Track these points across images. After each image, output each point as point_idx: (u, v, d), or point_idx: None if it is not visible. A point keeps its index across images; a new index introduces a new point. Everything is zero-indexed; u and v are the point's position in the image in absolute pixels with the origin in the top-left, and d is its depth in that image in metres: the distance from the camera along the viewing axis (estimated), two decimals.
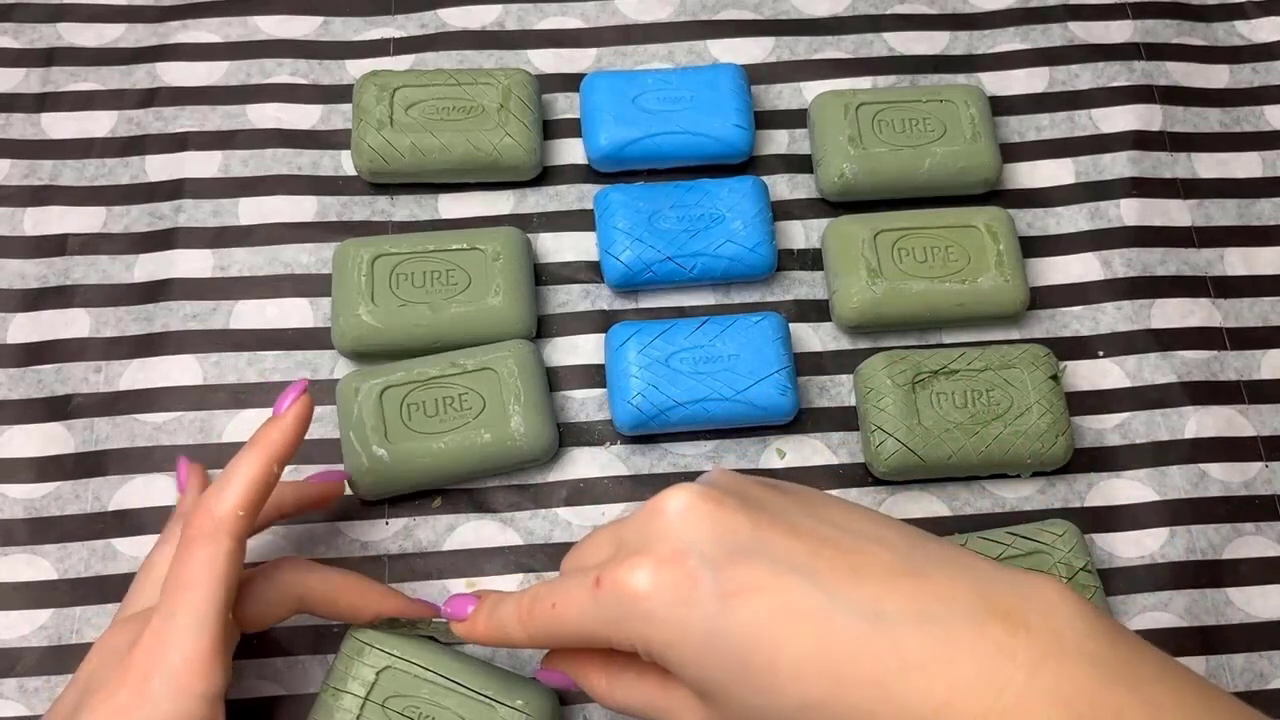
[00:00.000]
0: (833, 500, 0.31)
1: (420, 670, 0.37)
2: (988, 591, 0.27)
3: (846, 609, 0.27)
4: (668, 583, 0.28)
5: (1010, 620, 0.26)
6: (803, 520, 0.29)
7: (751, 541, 0.28)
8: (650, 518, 0.30)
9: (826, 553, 0.28)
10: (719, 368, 0.44)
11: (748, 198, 0.47)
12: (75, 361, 0.46)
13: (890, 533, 0.29)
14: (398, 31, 0.53)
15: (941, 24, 0.54)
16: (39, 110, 0.51)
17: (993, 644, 0.26)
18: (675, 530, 0.29)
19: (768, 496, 0.30)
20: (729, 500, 0.29)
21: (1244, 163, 0.52)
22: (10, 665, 0.41)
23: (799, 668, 0.27)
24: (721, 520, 0.29)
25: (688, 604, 0.28)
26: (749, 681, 0.27)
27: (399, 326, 0.44)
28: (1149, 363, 0.47)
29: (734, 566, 0.28)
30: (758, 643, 0.27)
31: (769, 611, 0.27)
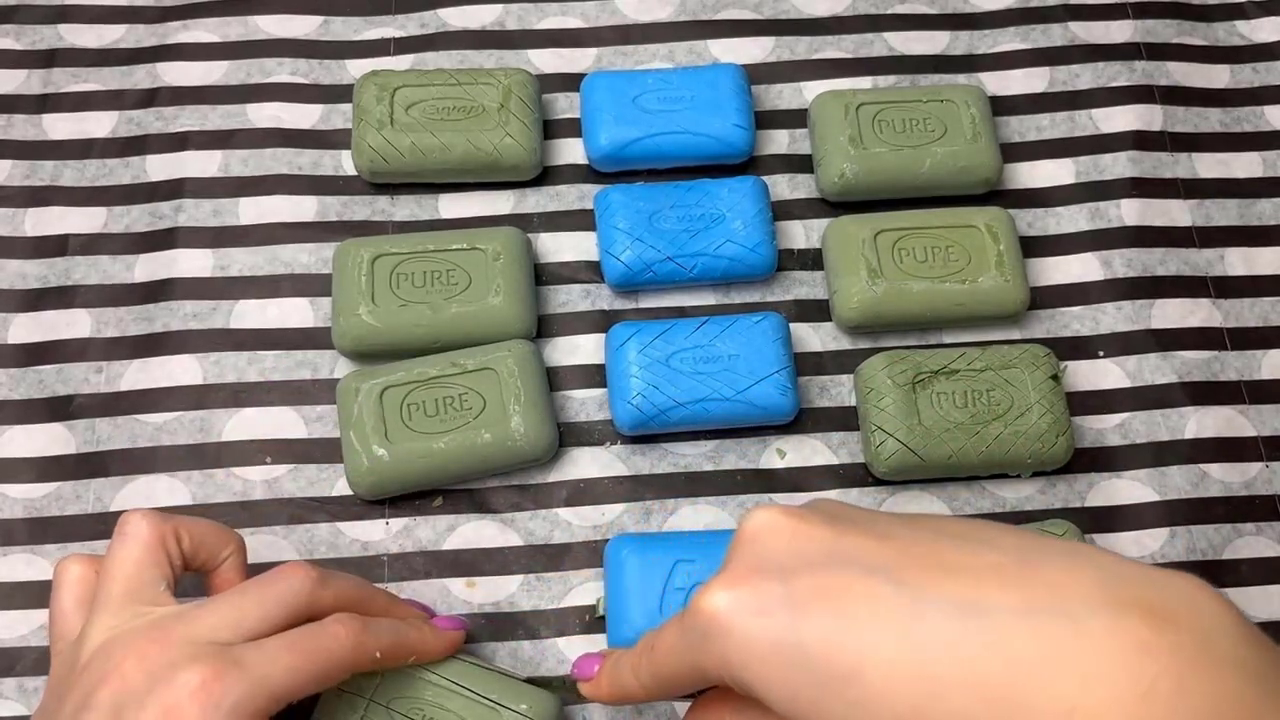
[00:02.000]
0: (944, 517, 0.29)
1: (423, 672, 0.37)
2: (1118, 585, 0.23)
3: (937, 605, 0.23)
4: (740, 597, 0.26)
5: (1154, 616, 0.22)
6: (895, 529, 0.27)
7: (831, 551, 0.26)
8: (734, 542, 0.28)
9: (918, 552, 0.25)
10: (719, 368, 0.44)
11: (748, 198, 0.47)
12: (76, 362, 0.46)
13: (1004, 536, 0.26)
14: (398, 31, 0.53)
15: (942, 24, 0.54)
16: (40, 111, 0.51)
17: (1133, 640, 0.22)
18: (751, 547, 0.28)
19: (863, 514, 0.28)
20: (813, 516, 0.27)
21: (1244, 163, 0.51)
22: (10, 665, 0.41)
23: (887, 674, 0.24)
24: (800, 532, 0.27)
25: (761, 615, 0.26)
26: (835, 695, 0.24)
27: (399, 326, 0.44)
28: (1149, 363, 0.47)
29: (809, 575, 0.26)
30: (838, 651, 0.24)
31: (846, 616, 0.24)
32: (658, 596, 0.40)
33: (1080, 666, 0.22)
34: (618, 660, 0.33)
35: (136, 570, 0.33)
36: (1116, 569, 0.24)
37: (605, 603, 0.41)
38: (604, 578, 0.42)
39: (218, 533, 0.36)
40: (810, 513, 0.28)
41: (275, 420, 0.45)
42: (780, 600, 0.26)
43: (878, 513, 0.28)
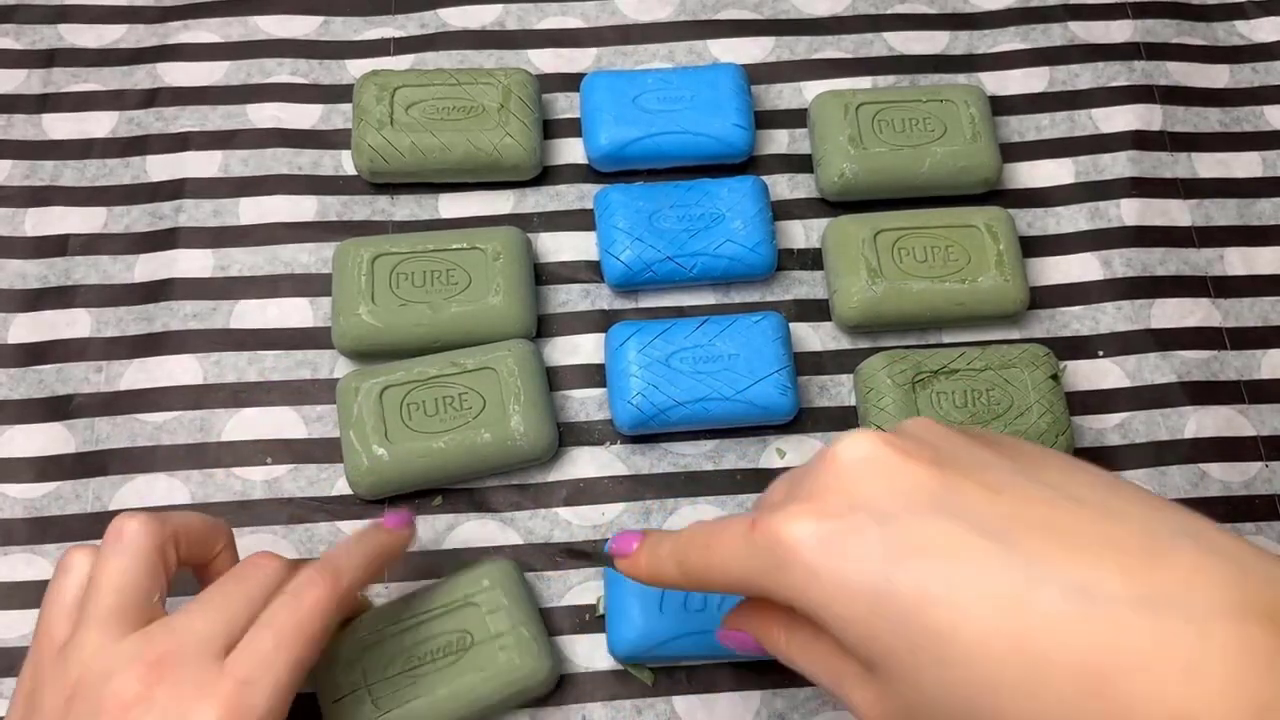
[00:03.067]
0: (1061, 459, 0.26)
1: (389, 628, 0.38)
2: (1250, 584, 0.21)
3: (1051, 583, 0.22)
4: (829, 535, 0.24)
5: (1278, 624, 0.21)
6: (1009, 478, 0.24)
7: (938, 497, 0.24)
8: (825, 465, 0.26)
9: (1034, 515, 0.23)
10: (719, 367, 0.44)
11: (748, 197, 0.47)
12: (76, 361, 0.46)
13: (1129, 504, 0.24)
14: (398, 31, 0.53)
15: (941, 24, 0.54)
16: (40, 111, 0.51)
17: (1252, 649, 0.20)
18: (848, 480, 0.25)
19: (970, 450, 0.26)
20: (918, 451, 0.25)
21: (1244, 162, 0.52)
22: (10, 665, 0.41)
23: (986, 641, 0.22)
24: (904, 472, 0.25)
25: (851, 559, 0.24)
26: (924, 650, 0.23)
27: (399, 326, 0.44)
28: (1149, 363, 0.47)
29: (913, 522, 0.24)
30: (935, 607, 0.23)
31: (950, 576, 0.23)
32: (657, 596, 0.40)
33: (1196, 672, 0.21)
34: (658, 542, 0.31)
35: (131, 583, 0.32)
36: (1249, 566, 0.22)
37: (605, 602, 0.41)
38: (604, 577, 0.42)
39: (211, 528, 0.36)
40: (915, 446, 0.25)
41: (275, 420, 0.45)
42: (877, 545, 0.24)
43: (986, 450, 0.26)
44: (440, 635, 0.39)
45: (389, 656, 0.38)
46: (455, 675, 0.38)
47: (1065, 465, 0.26)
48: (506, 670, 0.38)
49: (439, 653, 0.38)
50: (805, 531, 0.25)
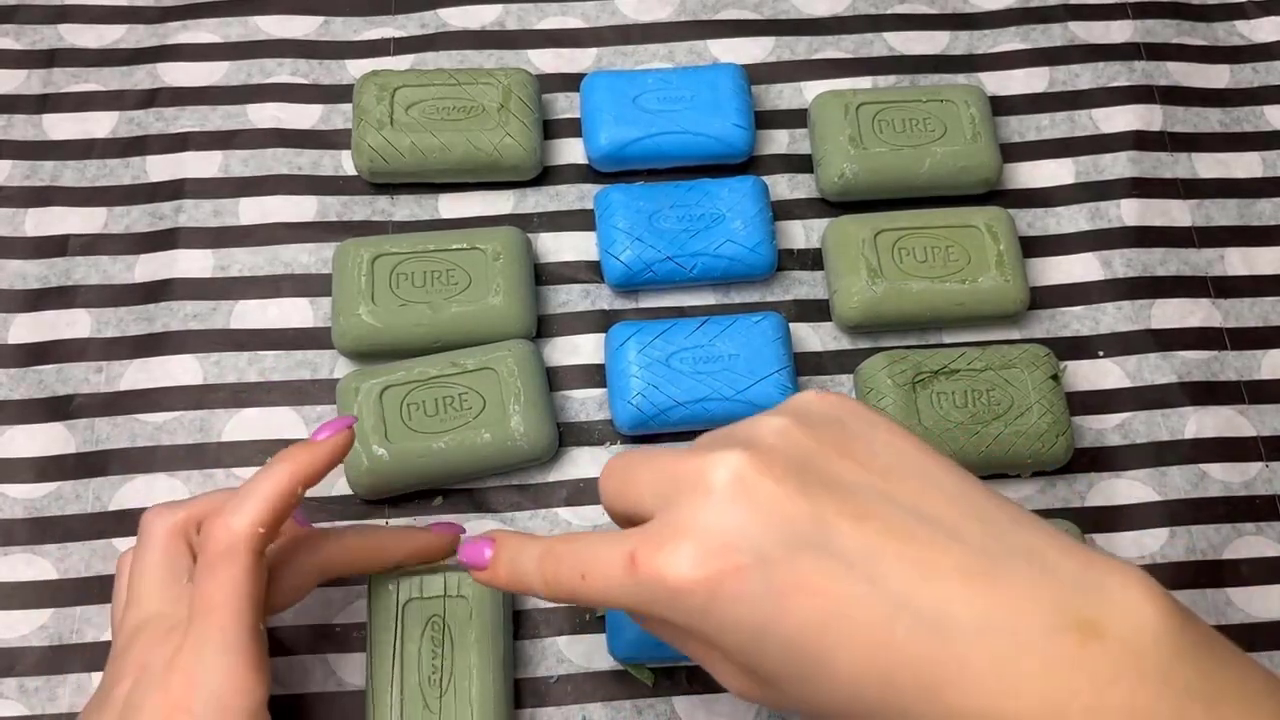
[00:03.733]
0: (915, 467, 0.28)
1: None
2: (1067, 596, 0.24)
3: (909, 616, 0.25)
4: (713, 580, 0.26)
5: (1085, 631, 0.24)
6: (872, 503, 0.26)
7: (810, 532, 0.26)
8: (696, 488, 0.27)
9: (894, 546, 0.25)
10: (719, 367, 0.44)
11: (748, 198, 0.47)
12: (76, 362, 0.46)
13: (971, 522, 0.26)
14: (398, 31, 0.53)
15: (941, 24, 0.54)
16: (40, 111, 0.51)
17: (1063, 657, 0.24)
18: (723, 516, 0.26)
19: (836, 464, 0.27)
20: (787, 480, 0.26)
21: (1244, 163, 0.51)
22: (10, 665, 0.41)
23: (855, 670, 0.25)
24: (777, 507, 0.26)
25: (736, 601, 0.26)
26: (800, 674, 0.26)
27: (399, 326, 0.44)
28: (1149, 363, 0.47)
29: (790, 563, 0.25)
30: (809, 643, 0.25)
31: (824, 615, 0.25)
32: None
33: (1015, 681, 0.24)
34: (517, 553, 0.32)
35: (156, 570, 0.35)
36: (1071, 578, 0.25)
37: None
38: None
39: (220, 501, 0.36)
40: (781, 468, 0.27)
41: (275, 420, 0.45)
42: (760, 587, 0.26)
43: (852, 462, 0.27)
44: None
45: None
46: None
47: (921, 476, 0.27)
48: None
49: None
50: (689, 574, 0.26)
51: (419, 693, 0.38)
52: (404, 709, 0.38)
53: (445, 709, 0.38)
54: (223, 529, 0.33)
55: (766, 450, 0.27)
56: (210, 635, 0.32)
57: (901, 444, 0.28)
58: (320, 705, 0.41)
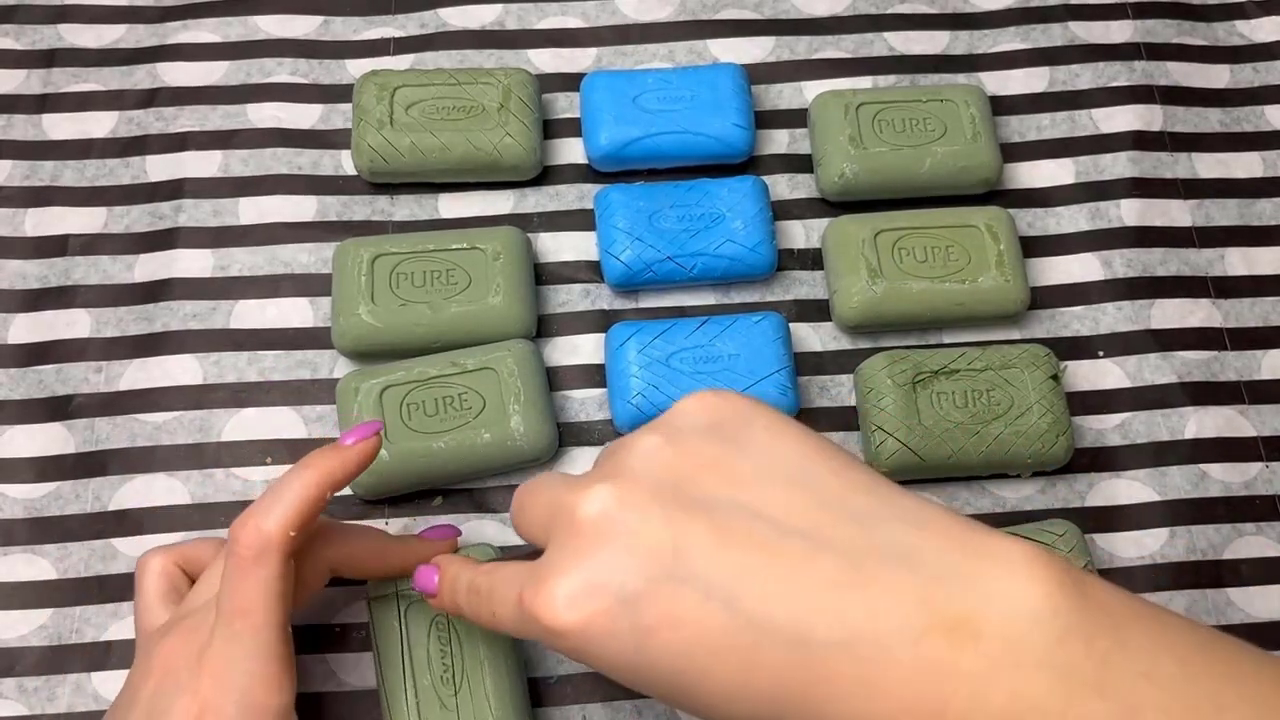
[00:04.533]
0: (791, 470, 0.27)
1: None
2: (939, 595, 0.24)
3: (771, 639, 0.25)
4: (585, 620, 0.27)
5: (957, 631, 0.23)
6: (734, 520, 0.26)
7: (671, 563, 0.26)
8: (569, 525, 0.28)
9: (756, 562, 0.25)
10: (719, 367, 0.44)
11: (748, 197, 0.47)
12: (76, 361, 0.46)
13: (843, 526, 0.26)
14: (398, 31, 0.53)
15: (942, 24, 0.54)
16: (40, 111, 0.51)
17: (931, 662, 0.23)
18: (592, 553, 0.27)
19: (701, 482, 0.27)
20: (650, 509, 0.27)
21: (1244, 163, 0.51)
22: (10, 665, 0.41)
23: (727, 695, 0.26)
24: (639, 541, 0.26)
25: (607, 643, 0.27)
26: (681, 699, 0.27)
27: (399, 326, 0.44)
28: (1149, 363, 0.47)
29: (653, 598, 0.26)
30: (682, 674, 0.26)
31: (690, 645, 0.26)
32: None
33: (886, 692, 0.24)
34: (454, 582, 0.33)
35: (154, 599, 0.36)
36: (945, 574, 0.24)
37: None
38: None
39: (202, 547, 0.38)
40: (648, 501, 0.27)
41: (275, 420, 0.45)
42: (627, 628, 0.26)
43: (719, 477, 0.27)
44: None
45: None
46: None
47: (795, 481, 0.27)
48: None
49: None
50: (561, 618, 0.27)
51: (434, 694, 0.38)
52: (421, 711, 0.38)
53: (462, 706, 0.38)
54: (254, 531, 0.33)
55: (632, 479, 0.28)
56: (243, 636, 0.32)
57: (779, 445, 0.28)
58: (321, 706, 0.41)
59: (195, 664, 0.32)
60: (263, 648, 0.32)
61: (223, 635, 0.32)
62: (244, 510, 0.34)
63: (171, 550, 0.37)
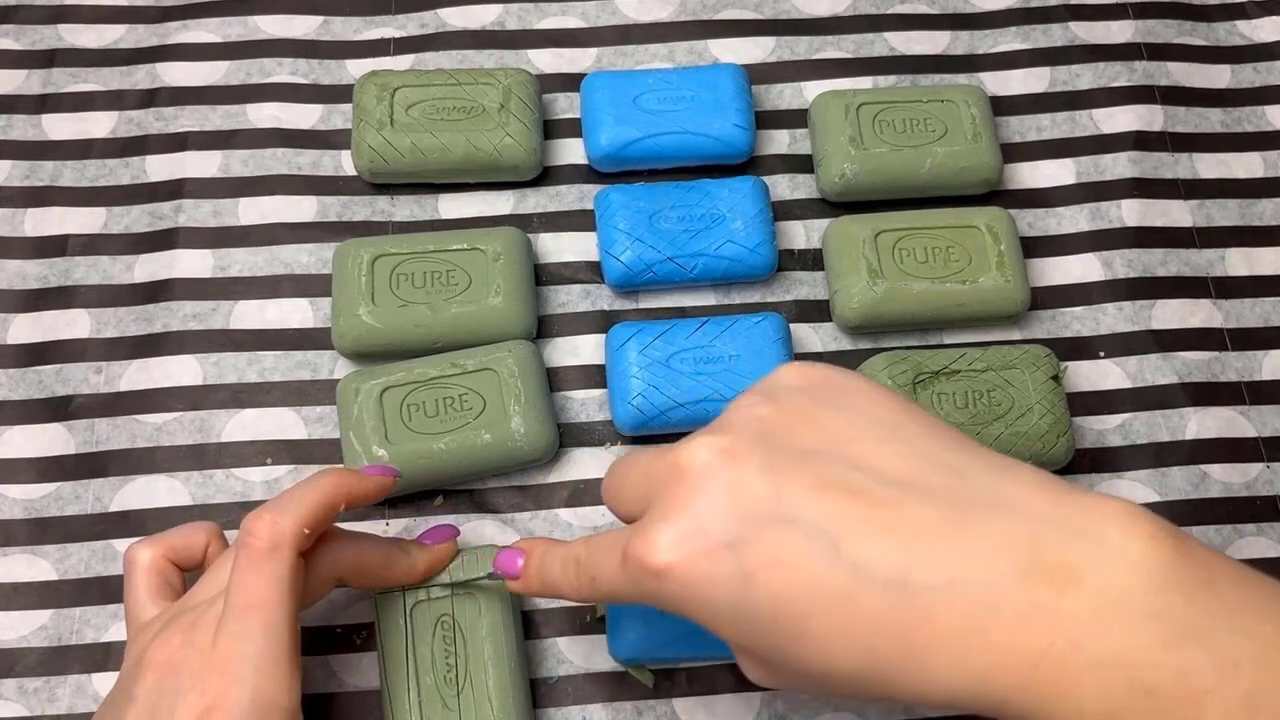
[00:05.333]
0: (886, 427, 0.28)
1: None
2: (1039, 542, 0.24)
3: (872, 582, 0.25)
4: (689, 561, 0.27)
5: (1059, 576, 0.24)
6: (833, 470, 0.27)
7: (773, 508, 0.26)
8: (673, 477, 0.28)
9: (856, 510, 0.26)
10: (720, 368, 0.44)
11: (748, 198, 0.47)
12: (76, 362, 0.46)
13: (938, 475, 0.26)
14: (398, 31, 0.53)
15: (942, 24, 0.54)
16: (40, 111, 0.51)
17: (1034, 607, 0.23)
18: (694, 500, 0.27)
19: (800, 435, 0.28)
20: (751, 459, 0.27)
21: (1245, 163, 0.51)
22: (10, 665, 0.41)
23: (827, 639, 0.25)
24: (742, 487, 0.27)
25: (712, 584, 0.27)
26: (779, 648, 0.27)
27: (399, 326, 0.44)
28: (1150, 363, 0.47)
29: (756, 540, 0.26)
30: (784, 616, 0.26)
31: (792, 587, 0.26)
32: None
33: (986, 638, 0.24)
34: (543, 560, 0.34)
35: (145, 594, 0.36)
36: (1045, 521, 0.25)
37: (605, 603, 0.41)
38: None
39: (190, 533, 0.38)
40: (747, 452, 0.27)
41: (275, 420, 0.45)
42: (731, 567, 0.26)
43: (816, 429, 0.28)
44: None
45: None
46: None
47: (890, 437, 0.28)
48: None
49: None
50: (665, 559, 0.27)
51: (436, 693, 0.38)
52: (423, 710, 0.38)
53: (465, 706, 0.38)
54: (269, 525, 0.33)
55: (732, 431, 0.28)
56: (253, 632, 0.32)
57: (872, 404, 0.29)
58: (322, 707, 0.41)
59: (200, 660, 0.32)
60: (273, 644, 0.32)
61: (232, 631, 0.32)
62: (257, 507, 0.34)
63: (159, 541, 0.37)
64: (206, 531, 0.38)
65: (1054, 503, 0.25)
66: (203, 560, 0.37)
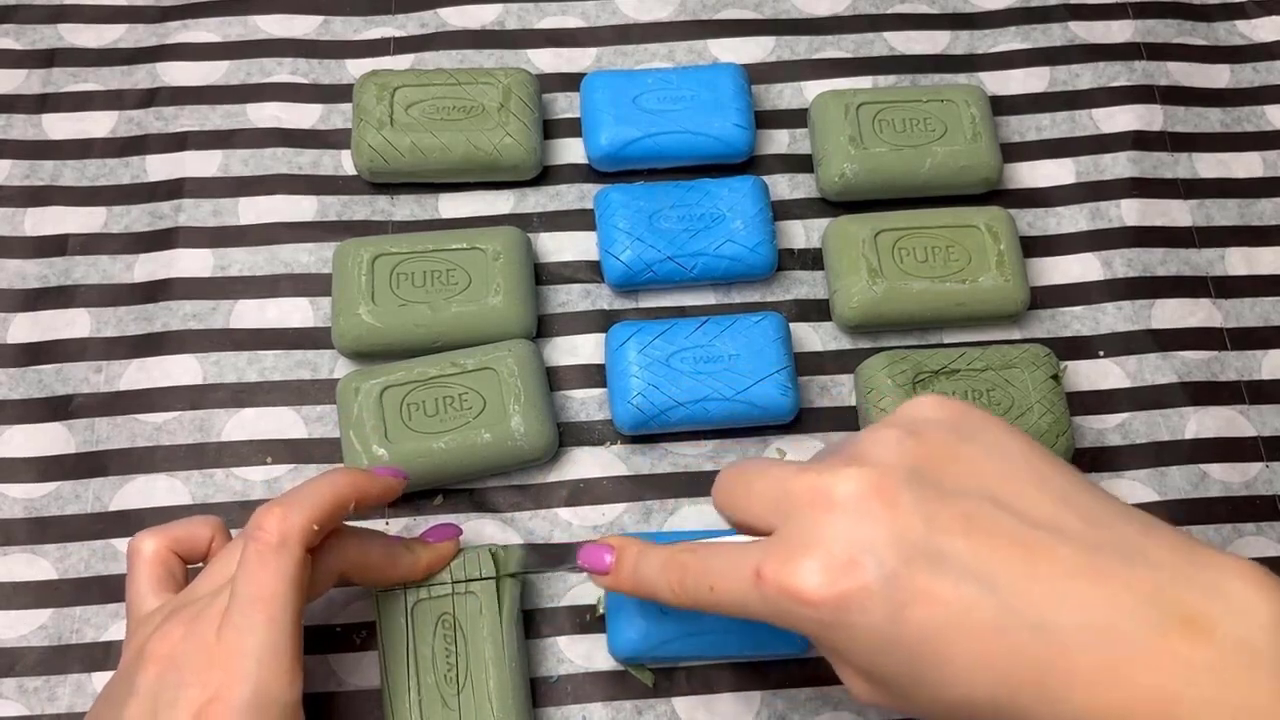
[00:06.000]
0: (1023, 468, 0.29)
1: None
2: (1173, 592, 0.25)
3: (1019, 620, 0.26)
4: (839, 590, 0.27)
5: (1193, 628, 0.25)
6: (982, 510, 0.28)
7: (925, 544, 0.27)
8: (819, 505, 0.29)
9: (1002, 553, 0.27)
10: (719, 367, 0.44)
11: (748, 197, 0.47)
12: (75, 361, 0.46)
13: (1076, 521, 0.27)
14: (398, 31, 0.53)
15: (942, 24, 0.54)
16: (40, 111, 0.51)
17: (1170, 656, 0.25)
18: (845, 531, 0.28)
19: (948, 472, 0.29)
20: (903, 494, 0.28)
21: (1245, 162, 0.51)
22: (10, 665, 0.41)
23: (969, 672, 0.27)
24: (896, 522, 0.27)
25: (859, 614, 0.27)
26: (917, 678, 0.27)
27: (399, 326, 0.44)
28: (1149, 363, 0.47)
29: (909, 575, 0.27)
30: (929, 648, 0.27)
31: (942, 623, 0.27)
32: None
33: (1122, 682, 0.25)
34: (639, 559, 0.34)
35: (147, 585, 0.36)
36: (1177, 573, 0.26)
37: (605, 603, 0.41)
38: None
39: (195, 526, 0.38)
40: (900, 487, 0.28)
41: (275, 420, 0.45)
42: (881, 601, 0.27)
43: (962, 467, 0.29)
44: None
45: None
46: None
47: (1028, 478, 0.28)
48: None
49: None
50: (816, 590, 0.27)
51: (437, 692, 0.38)
52: (423, 709, 0.38)
53: (465, 705, 0.38)
54: (279, 519, 0.33)
55: (882, 466, 0.29)
56: (257, 625, 0.32)
57: (1010, 444, 0.29)
58: (321, 706, 0.41)
59: (203, 653, 0.32)
60: (277, 639, 0.32)
61: (236, 624, 0.32)
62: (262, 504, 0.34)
63: (164, 533, 0.37)
64: (211, 525, 0.38)
65: (1183, 555, 0.26)
66: (206, 553, 0.37)
